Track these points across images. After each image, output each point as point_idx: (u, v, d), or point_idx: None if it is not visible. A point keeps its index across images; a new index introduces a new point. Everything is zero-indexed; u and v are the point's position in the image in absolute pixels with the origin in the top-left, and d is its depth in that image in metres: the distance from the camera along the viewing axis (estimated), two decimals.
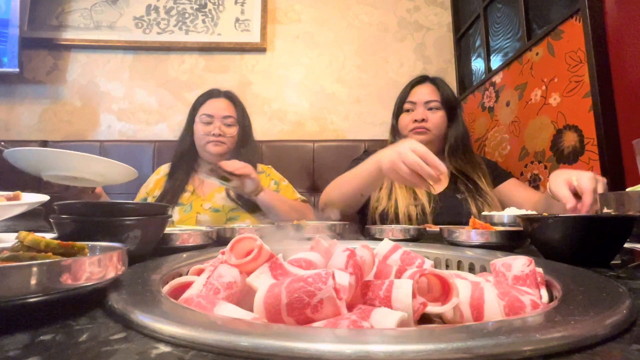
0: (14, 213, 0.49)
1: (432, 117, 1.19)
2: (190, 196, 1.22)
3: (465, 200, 1.09)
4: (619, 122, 1.03)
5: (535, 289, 0.29)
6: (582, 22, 1.10)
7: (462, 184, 1.14)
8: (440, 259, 0.48)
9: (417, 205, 1.08)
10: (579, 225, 0.45)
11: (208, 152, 1.26)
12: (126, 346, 0.19)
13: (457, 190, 1.13)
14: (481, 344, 0.17)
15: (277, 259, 0.31)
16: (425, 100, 1.20)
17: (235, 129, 1.27)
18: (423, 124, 1.18)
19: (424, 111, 1.19)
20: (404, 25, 2.02)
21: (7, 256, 0.26)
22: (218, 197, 1.22)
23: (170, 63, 1.95)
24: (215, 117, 1.24)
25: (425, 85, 1.24)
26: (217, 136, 1.22)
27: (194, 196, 1.23)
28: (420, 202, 1.09)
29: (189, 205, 1.19)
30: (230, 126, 1.26)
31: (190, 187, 1.25)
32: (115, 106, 1.91)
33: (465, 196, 1.10)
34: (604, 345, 0.19)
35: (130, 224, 0.43)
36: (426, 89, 1.23)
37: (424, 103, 1.20)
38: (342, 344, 0.17)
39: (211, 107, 1.27)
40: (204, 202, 1.20)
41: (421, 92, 1.22)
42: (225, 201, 1.20)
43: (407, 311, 0.25)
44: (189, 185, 1.26)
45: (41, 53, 1.90)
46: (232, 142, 1.27)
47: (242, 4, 1.97)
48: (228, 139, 1.25)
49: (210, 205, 1.19)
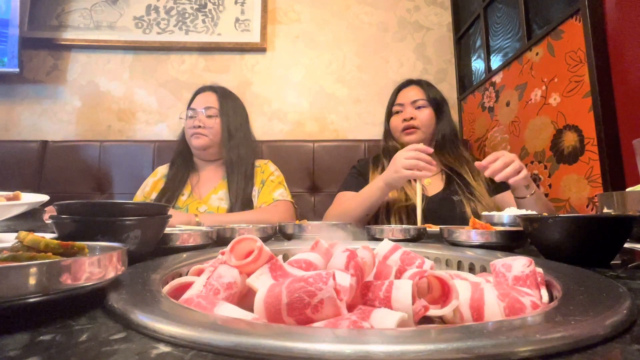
0: (14, 213, 0.49)
1: (419, 115, 1.24)
2: (187, 199, 1.22)
3: (460, 202, 1.11)
4: (619, 122, 1.03)
5: (536, 289, 0.29)
6: (582, 22, 1.10)
7: (455, 184, 1.16)
8: (440, 259, 0.48)
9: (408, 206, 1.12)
10: (579, 225, 0.45)
11: (192, 147, 1.26)
12: (126, 346, 0.19)
13: (453, 192, 1.15)
14: (481, 344, 0.17)
15: (277, 260, 0.31)
16: (412, 100, 1.26)
17: (215, 120, 1.24)
18: (412, 122, 1.23)
19: (412, 110, 1.25)
20: (404, 25, 2.02)
21: (6, 256, 0.26)
22: (214, 198, 1.21)
23: (170, 63, 1.95)
24: (198, 110, 1.24)
25: (410, 88, 1.31)
26: (196, 128, 1.21)
27: (190, 199, 1.22)
28: (411, 202, 1.11)
29: (185, 209, 1.18)
30: (210, 117, 1.24)
31: (188, 187, 1.25)
32: (115, 106, 1.91)
33: (461, 198, 1.12)
34: (604, 345, 0.19)
35: (130, 224, 0.43)
36: (412, 90, 1.29)
37: (411, 103, 1.26)
38: (342, 344, 0.17)
39: (196, 101, 1.28)
40: (199, 204, 1.20)
41: (408, 94, 1.29)
42: (220, 202, 1.20)
43: (407, 312, 0.25)
44: (187, 185, 1.25)
45: (41, 53, 1.90)
46: (214, 134, 1.23)
47: (242, 4, 1.97)
48: (208, 130, 1.22)
49: (206, 208, 1.19)
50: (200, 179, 1.29)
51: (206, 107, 1.24)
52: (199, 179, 1.28)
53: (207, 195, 1.22)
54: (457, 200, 1.12)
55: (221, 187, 1.24)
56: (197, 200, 1.21)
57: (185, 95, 1.91)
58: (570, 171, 1.16)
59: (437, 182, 1.21)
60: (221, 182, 1.26)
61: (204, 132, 1.22)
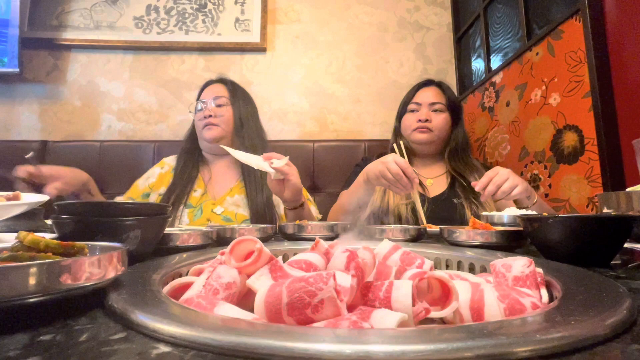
0: (14, 213, 0.49)
1: (435, 118, 1.23)
2: (201, 197, 1.15)
3: (461, 205, 1.13)
4: (619, 122, 1.03)
5: (536, 289, 0.29)
6: (582, 22, 1.10)
7: (459, 186, 1.17)
8: (440, 259, 0.48)
9: (407, 205, 1.12)
10: (579, 225, 0.44)
11: (204, 140, 1.20)
12: (126, 346, 0.19)
13: (454, 194, 1.16)
14: (481, 344, 0.17)
15: (277, 261, 0.31)
16: (431, 101, 1.24)
17: (226, 109, 1.20)
18: (427, 124, 1.21)
19: (428, 112, 1.23)
20: (404, 25, 2.02)
21: (6, 256, 0.26)
22: (229, 201, 1.14)
23: (170, 63, 1.95)
24: (207, 100, 1.20)
25: (430, 88, 1.28)
26: (207, 117, 1.17)
27: (204, 197, 1.15)
28: (410, 202, 1.12)
29: (199, 209, 1.12)
30: (221, 106, 1.20)
31: (201, 184, 1.18)
32: (115, 106, 1.91)
33: (462, 200, 1.14)
34: (604, 345, 0.19)
35: (130, 224, 0.43)
36: (432, 91, 1.26)
37: (428, 104, 1.24)
38: (342, 344, 0.17)
39: (205, 93, 1.25)
40: (215, 205, 1.12)
41: (427, 94, 1.26)
42: (237, 208, 1.13)
43: (407, 312, 0.25)
44: (199, 180, 1.19)
45: (41, 53, 1.90)
46: (226, 124, 1.19)
47: (242, 4, 1.97)
48: (220, 120, 1.18)
49: (223, 210, 1.12)
50: (213, 175, 1.22)
51: (215, 97, 1.20)
52: (211, 176, 1.22)
53: (222, 197, 1.16)
54: (457, 202, 1.14)
55: (237, 191, 1.17)
56: (211, 200, 1.15)
57: (185, 96, 1.92)
58: (570, 171, 1.16)
59: (441, 185, 1.22)
60: (237, 184, 1.19)
61: (216, 122, 1.17)
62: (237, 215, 1.12)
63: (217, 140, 1.18)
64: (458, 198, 1.15)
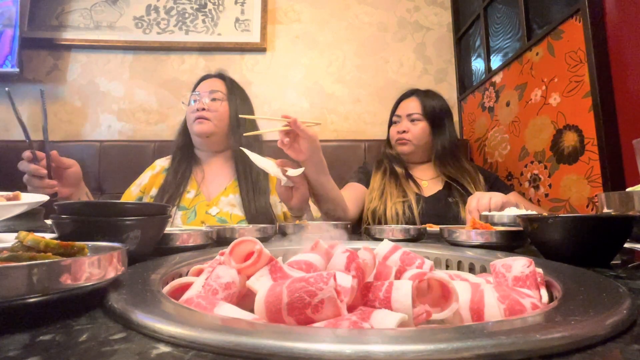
0: (14, 213, 0.49)
1: (413, 128, 1.29)
2: (194, 198, 1.11)
3: (456, 204, 1.16)
4: (619, 122, 1.03)
5: (536, 290, 0.29)
6: (582, 22, 1.10)
7: (454, 189, 1.21)
8: (440, 259, 0.48)
9: (404, 202, 1.16)
10: (579, 225, 0.44)
11: (193, 133, 1.15)
12: (126, 346, 0.19)
13: (450, 194, 1.21)
14: (481, 344, 0.17)
15: (277, 262, 0.31)
16: (408, 113, 1.30)
17: (222, 104, 1.14)
18: (404, 135, 1.28)
19: (406, 123, 1.30)
20: (404, 25, 2.02)
21: (6, 256, 0.26)
22: (224, 201, 1.10)
23: (170, 63, 1.95)
24: (202, 93, 1.15)
25: (410, 99, 1.34)
26: (200, 111, 1.11)
27: (197, 198, 1.11)
28: (408, 200, 1.16)
29: (192, 211, 1.08)
30: (216, 101, 1.14)
31: (194, 184, 1.14)
32: (115, 106, 1.91)
33: (457, 200, 1.17)
34: (604, 345, 0.19)
35: (130, 224, 0.43)
36: (410, 102, 1.33)
37: (406, 116, 1.30)
38: (342, 344, 0.17)
39: (201, 86, 1.19)
40: (209, 206, 1.09)
41: (405, 106, 1.32)
42: (232, 209, 1.09)
43: (407, 312, 0.25)
44: (192, 181, 1.15)
45: (41, 53, 1.90)
46: (219, 119, 1.13)
47: (242, 4, 1.97)
48: (213, 115, 1.12)
49: (218, 210, 1.08)
50: (206, 175, 1.18)
51: (212, 91, 1.14)
52: (204, 175, 1.17)
53: (216, 197, 1.12)
54: (452, 201, 1.18)
55: (231, 190, 1.13)
56: (205, 201, 1.11)
57: (185, 96, 1.91)
58: (570, 171, 1.16)
59: (436, 186, 1.27)
60: (231, 183, 1.15)
61: (208, 116, 1.12)
62: (232, 216, 1.08)
63: (206, 135, 1.14)
64: (453, 197, 1.19)
